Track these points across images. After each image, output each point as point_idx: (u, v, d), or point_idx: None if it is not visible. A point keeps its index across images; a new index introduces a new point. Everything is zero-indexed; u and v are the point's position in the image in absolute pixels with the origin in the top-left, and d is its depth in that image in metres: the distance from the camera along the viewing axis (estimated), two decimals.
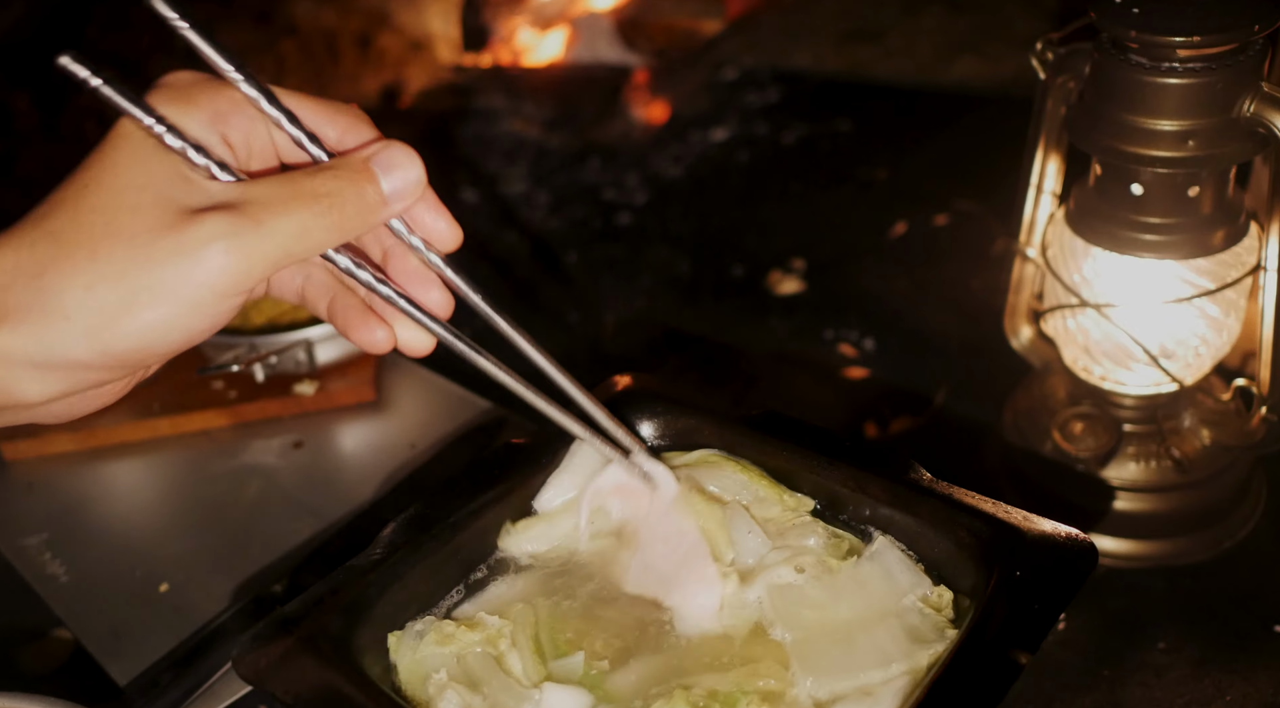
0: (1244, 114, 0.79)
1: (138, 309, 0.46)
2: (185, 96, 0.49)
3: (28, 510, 1.03)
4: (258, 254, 0.46)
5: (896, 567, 0.64)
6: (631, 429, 0.74)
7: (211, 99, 0.50)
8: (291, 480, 1.04)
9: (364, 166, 0.50)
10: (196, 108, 0.49)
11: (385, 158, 0.50)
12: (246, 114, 0.50)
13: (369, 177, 0.50)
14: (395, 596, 0.64)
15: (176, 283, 0.46)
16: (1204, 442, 0.92)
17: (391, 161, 0.50)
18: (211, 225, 0.46)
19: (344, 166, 0.49)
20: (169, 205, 0.46)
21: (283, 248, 0.47)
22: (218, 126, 0.50)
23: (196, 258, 0.46)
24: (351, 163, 0.50)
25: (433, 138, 1.81)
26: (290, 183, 0.48)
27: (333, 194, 0.48)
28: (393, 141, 0.51)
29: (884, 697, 0.57)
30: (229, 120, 0.50)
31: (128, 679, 0.85)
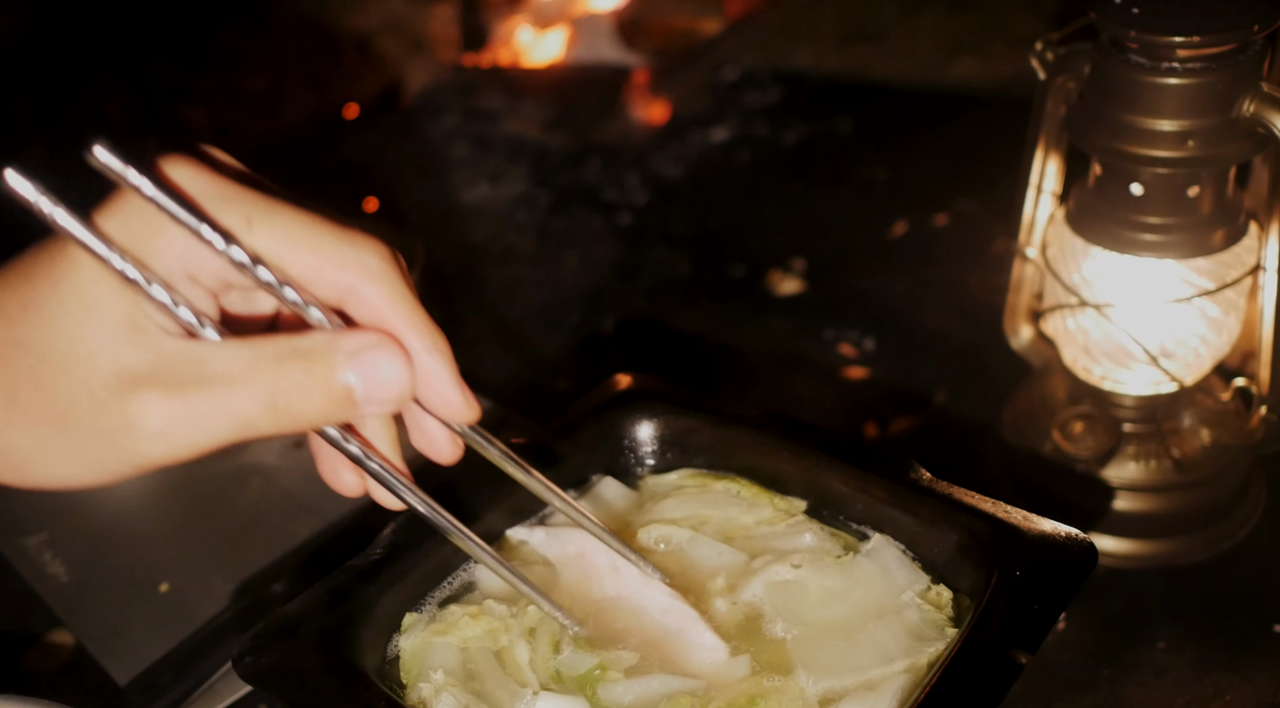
0: (1244, 114, 0.79)
1: (46, 462, 0.42)
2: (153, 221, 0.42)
3: (28, 511, 1.03)
4: (189, 443, 0.42)
5: (894, 564, 0.64)
6: (633, 437, 0.74)
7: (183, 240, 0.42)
8: (291, 480, 1.04)
9: (338, 365, 0.42)
10: (165, 237, 0.42)
11: (367, 360, 0.43)
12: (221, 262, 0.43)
13: (340, 377, 0.42)
14: (395, 596, 0.64)
15: (95, 452, 0.42)
16: (1204, 442, 0.92)
17: (373, 366, 0.43)
18: (145, 411, 0.41)
19: (318, 359, 0.42)
20: (105, 367, 0.41)
21: (221, 438, 0.42)
22: (188, 262, 0.43)
23: (123, 441, 0.41)
24: (328, 357, 0.42)
25: (433, 138, 1.81)
26: (249, 366, 0.42)
27: (293, 391, 0.42)
28: (385, 340, 0.43)
29: (884, 695, 0.57)
30: (204, 256, 0.43)
31: (128, 679, 0.85)
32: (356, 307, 0.45)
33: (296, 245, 0.43)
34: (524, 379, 1.24)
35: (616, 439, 0.74)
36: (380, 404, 0.43)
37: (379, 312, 0.45)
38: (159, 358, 0.42)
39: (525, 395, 1.19)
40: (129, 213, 0.42)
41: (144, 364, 0.41)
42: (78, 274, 0.42)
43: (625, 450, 0.74)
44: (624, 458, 0.74)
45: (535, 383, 1.23)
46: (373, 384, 0.43)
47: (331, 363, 0.42)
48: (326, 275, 0.44)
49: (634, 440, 0.74)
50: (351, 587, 0.62)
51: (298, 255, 0.43)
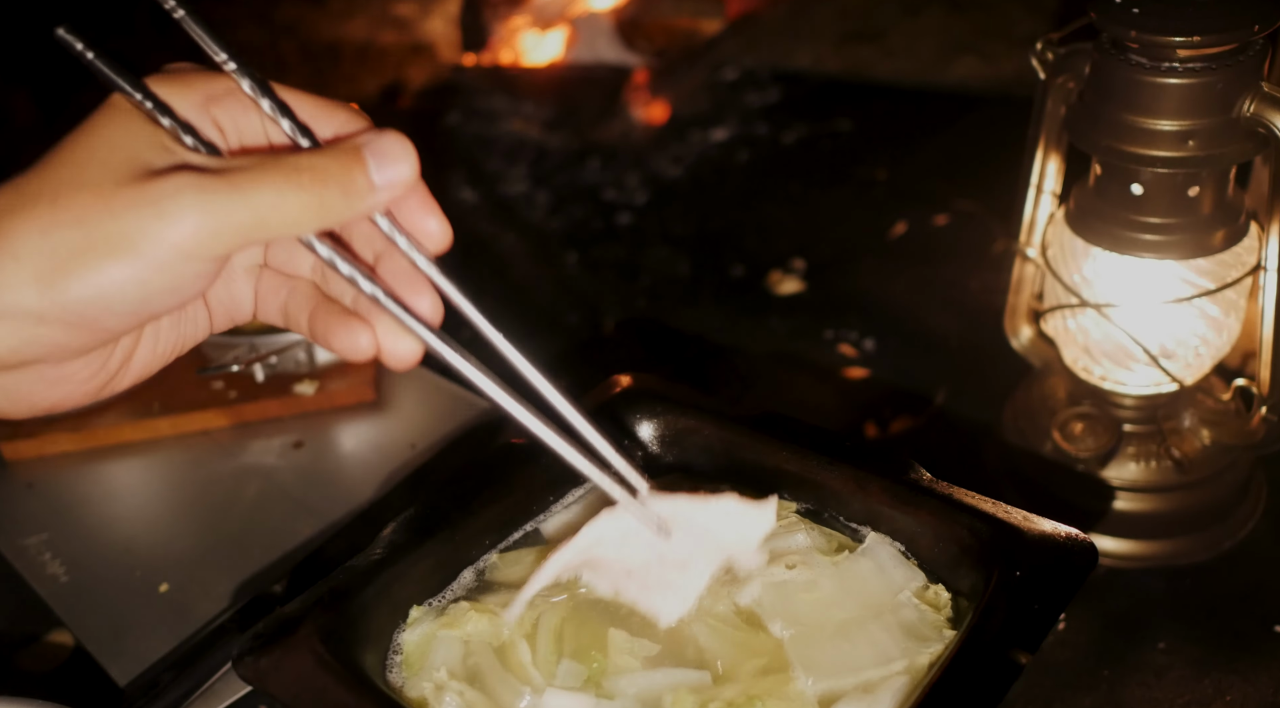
0: (1244, 114, 0.79)
1: (93, 257, 0.43)
2: (180, 79, 0.48)
3: (28, 511, 1.03)
4: (227, 216, 0.44)
5: (890, 562, 0.64)
6: (633, 437, 0.74)
7: (206, 83, 0.48)
8: (291, 480, 1.04)
9: (355, 149, 0.47)
10: (190, 89, 0.48)
11: (378, 144, 0.47)
12: (240, 101, 0.49)
13: (358, 159, 0.47)
14: (395, 596, 0.64)
15: (137, 234, 0.43)
16: (1204, 442, 0.92)
17: (384, 148, 0.47)
18: (181, 180, 0.44)
19: (334, 148, 0.47)
20: (142, 164, 0.44)
21: (256, 215, 0.44)
22: (209, 109, 0.48)
23: (161, 210, 0.43)
24: (342, 145, 0.47)
25: (433, 138, 1.81)
26: (273, 156, 0.46)
27: (316, 169, 0.45)
28: (388, 130, 0.49)
29: (884, 695, 0.57)
30: (221, 104, 0.48)
31: (128, 679, 0.85)
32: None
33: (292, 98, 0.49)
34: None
35: (616, 439, 0.74)
36: (394, 186, 0.47)
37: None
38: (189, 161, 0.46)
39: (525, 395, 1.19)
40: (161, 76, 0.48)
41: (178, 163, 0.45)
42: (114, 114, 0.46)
43: (625, 450, 0.74)
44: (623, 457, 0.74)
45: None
46: (386, 164, 0.47)
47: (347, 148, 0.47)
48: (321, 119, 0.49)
49: (634, 440, 0.74)
50: (351, 587, 0.62)
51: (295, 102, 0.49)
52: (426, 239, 0.52)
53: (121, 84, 0.46)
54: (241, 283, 0.54)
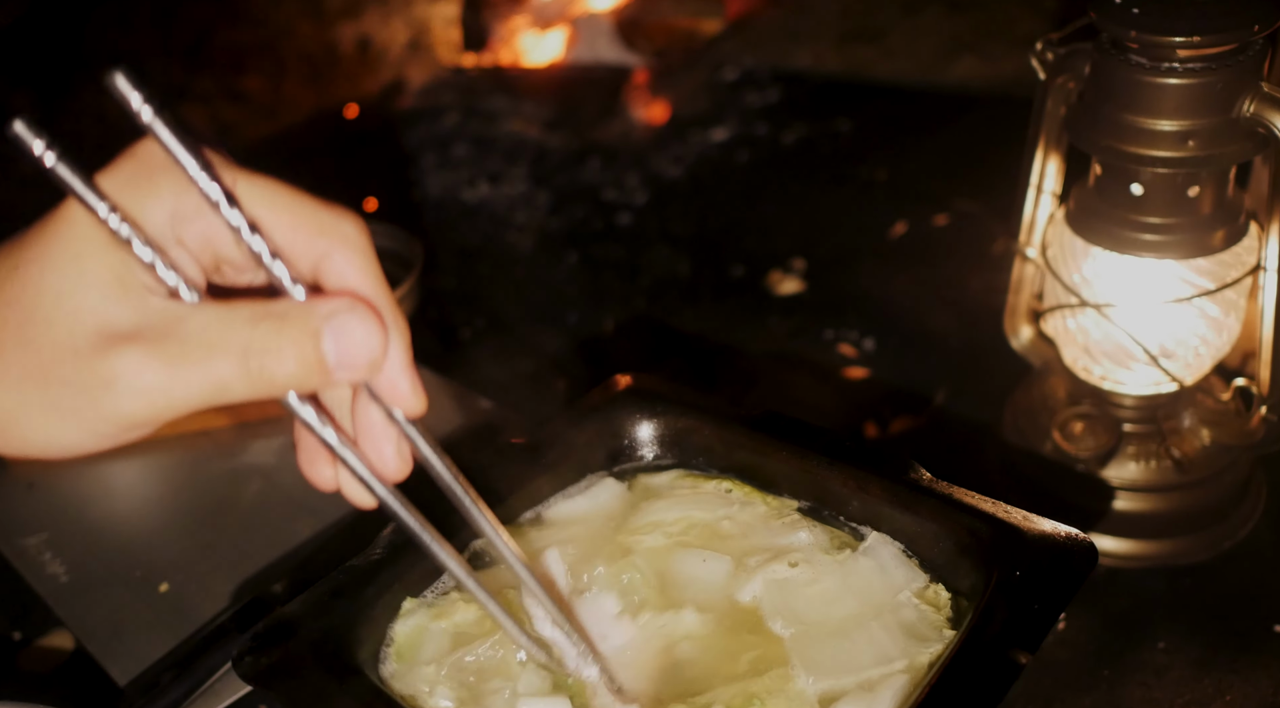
0: (1244, 114, 0.79)
1: (28, 422, 0.43)
2: (149, 184, 0.43)
3: (28, 511, 1.03)
4: (166, 400, 0.42)
5: (891, 562, 0.64)
6: (633, 437, 0.74)
7: (177, 193, 0.44)
8: (291, 480, 1.04)
9: (314, 329, 0.43)
10: (158, 200, 0.43)
11: (342, 322, 0.43)
12: (210, 219, 0.44)
13: (315, 342, 0.43)
14: (395, 596, 0.64)
15: (76, 409, 0.42)
16: (1204, 442, 0.92)
17: (348, 329, 0.43)
18: (123, 364, 0.41)
19: (293, 321, 0.43)
20: (89, 322, 0.42)
21: (196, 398, 0.42)
22: (177, 226, 0.44)
23: (101, 395, 0.42)
24: (302, 319, 0.43)
25: (433, 138, 1.81)
26: (225, 326, 0.42)
27: (267, 352, 0.42)
28: (359, 304, 0.44)
29: (884, 695, 0.57)
30: (192, 221, 0.44)
31: (128, 679, 0.85)
32: (328, 275, 0.45)
33: (276, 207, 0.44)
34: (524, 379, 1.24)
35: (616, 439, 0.74)
36: (353, 368, 0.44)
37: (349, 281, 0.46)
38: (142, 315, 0.43)
39: (525, 395, 1.19)
40: (126, 173, 0.43)
41: (127, 321, 0.42)
42: (69, 231, 0.43)
43: (625, 450, 0.74)
44: (624, 457, 0.74)
45: (535, 383, 1.23)
46: (346, 347, 0.43)
47: (305, 325, 0.43)
48: (303, 240, 0.45)
49: (633, 440, 0.74)
50: (351, 587, 0.62)
51: (277, 216, 0.44)
52: (398, 401, 0.48)
53: (82, 193, 0.42)
54: None
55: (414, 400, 0.47)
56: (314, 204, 0.45)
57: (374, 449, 0.48)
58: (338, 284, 0.45)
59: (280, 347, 0.42)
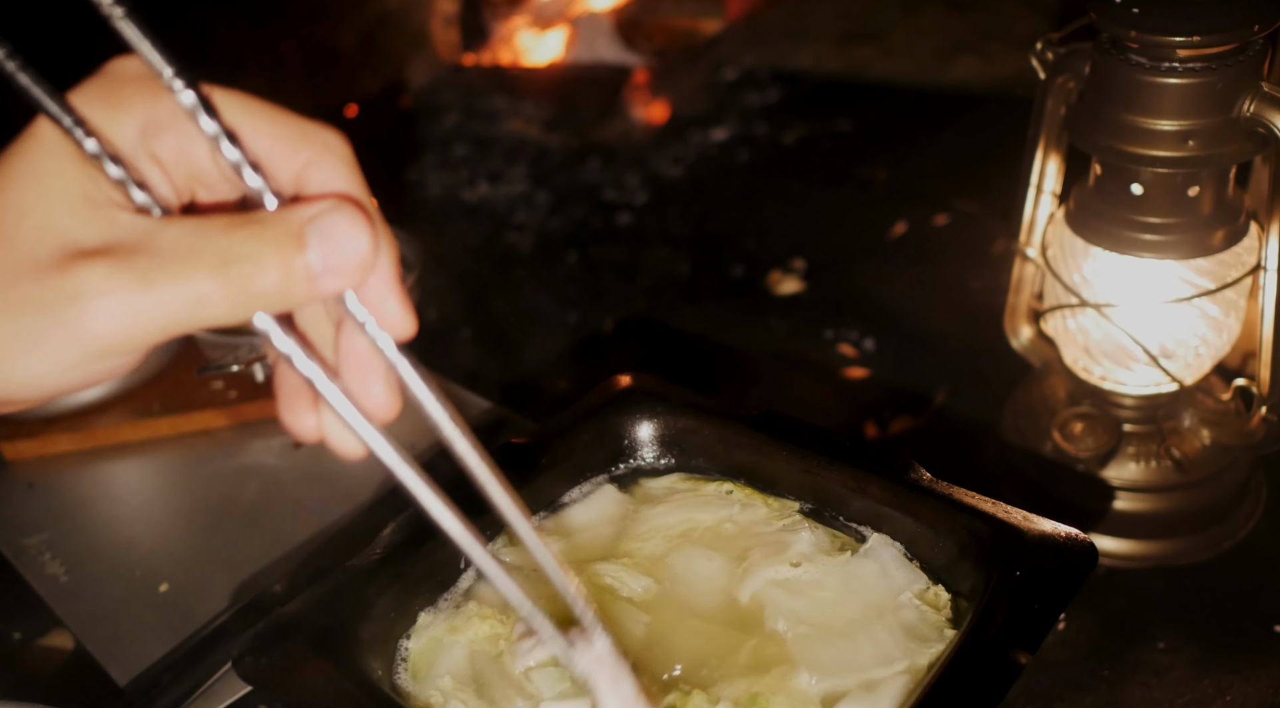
0: (1244, 114, 0.79)
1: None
2: (118, 97, 0.41)
3: (28, 511, 1.03)
4: (140, 320, 0.39)
5: (892, 564, 0.64)
6: (633, 437, 0.74)
7: (148, 104, 0.41)
8: (291, 480, 1.04)
9: (296, 231, 0.40)
10: (128, 113, 0.41)
11: (327, 224, 0.40)
12: (183, 131, 0.41)
13: (299, 244, 0.40)
14: (395, 595, 0.64)
15: (39, 333, 0.39)
16: (1204, 442, 0.92)
17: (333, 231, 0.40)
18: (90, 278, 0.38)
19: (274, 225, 0.40)
20: (54, 240, 0.39)
21: (173, 316, 0.39)
22: (149, 140, 0.41)
23: (66, 314, 0.38)
24: (284, 222, 0.40)
25: (433, 138, 1.81)
26: (201, 236, 0.39)
27: (247, 260, 0.39)
28: (344, 204, 0.41)
29: (884, 695, 0.57)
30: (161, 137, 0.41)
31: (128, 679, 0.85)
32: (311, 185, 0.42)
33: (255, 118, 0.42)
34: (524, 379, 1.24)
35: (616, 439, 0.74)
36: (340, 274, 0.41)
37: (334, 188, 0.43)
38: (111, 231, 0.40)
39: (525, 395, 1.19)
40: (97, 88, 0.41)
41: (95, 237, 0.40)
42: (36, 147, 0.40)
43: (625, 450, 0.75)
44: (624, 458, 0.75)
45: (535, 383, 1.23)
46: (332, 250, 0.40)
47: (287, 228, 0.40)
48: (284, 150, 0.42)
49: (633, 440, 0.74)
50: (351, 587, 0.62)
51: (256, 127, 0.42)
52: (385, 323, 0.44)
53: (48, 106, 0.39)
54: None
55: (403, 321, 0.44)
56: (294, 116, 0.43)
57: (360, 385, 0.44)
58: (320, 192, 0.42)
59: (261, 252, 0.39)
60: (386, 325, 0.44)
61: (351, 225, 0.40)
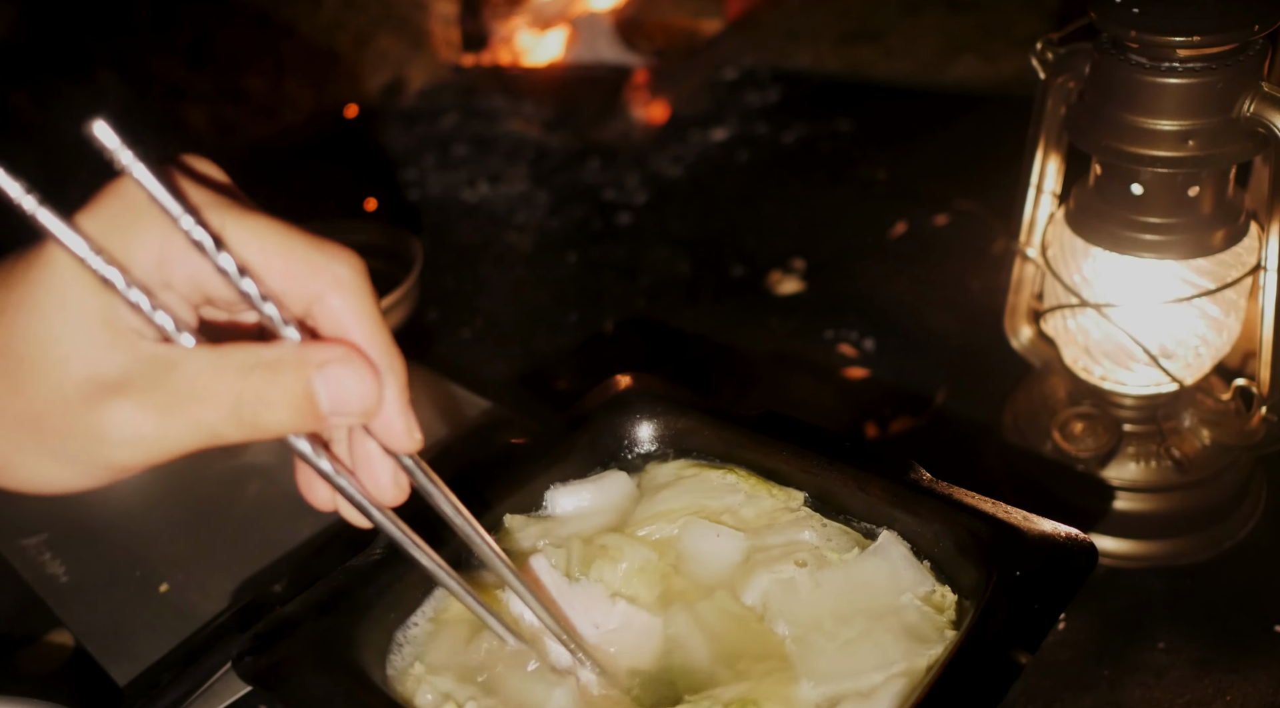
0: (1244, 114, 0.79)
1: (23, 465, 0.43)
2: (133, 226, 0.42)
3: (28, 511, 1.03)
4: (156, 450, 0.42)
5: (901, 563, 0.64)
6: (633, 437, 0.74)
7: (163, 234, 0.43)
8: (291, 480, 1.04)
9: (304, 378, 0.43)
10: (143, 243, 0.42)
11: (333, 374, 0.43)
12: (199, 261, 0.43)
13: (306, 393, 0.43)
14: (395, 595, 0.64)
15: (69, 455, 0.42)
16: (1204, 442, 0.92)
17: (340, 381, 0.43)
18: (115, 418, 0.42)
19: (284, 371, 0.43)
20: (78, 371, 0.42)
21: (187, 447, 0.43)
22: (164, 269, 0.43)
23: (93, 448, 0.42)
24: (294, 369, 0.43)
25: (433, 138, 1.81)
26: (217, 374, 0.42)
27: (259, 402, 0.42)
28: (352, 355, 0.44)
29: (884, 696, 0.57)
30: (179, 263, 0.43)
31: (128, 679, 0.85)
32: (322, 317, 0.45)
33: (268, 249, 0.43)
34: (523, 379, 1.24)
35: (616, 440, 0.74)
36: (345, 416, 0.44)
37: (343, 324, 0.45)
38: (132, 362, 0.42)
39: (525, 395, 1.19)
40: (109, 213, 0.42)
41: (117, 368, 0.42)
42: (55, 276, 0.42)
43: (625, 451, 0.75)
44: (624, 458, 0.75)
45: (535, 383, 1.23)
46: (338, 397, 0.44)
47: (298, 374, 0.43)
48: (295, 282, 0.44)
49: (634, 441, 0.74)
50: (351, 587, 0.62)
51: (268, 259, 0.44)
52: (390, 440, 0.48)
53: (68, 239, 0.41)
54: None
55: (408, 441, 0.47)
56: (307, 245, 0.44)
57: (370, 477, 0.49)
58: (331, 328, 0.45)
59: (272, 397, 0.43)
60: (391, 442, 0.47)
61: (357, 375, 0.44)
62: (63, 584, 0.95)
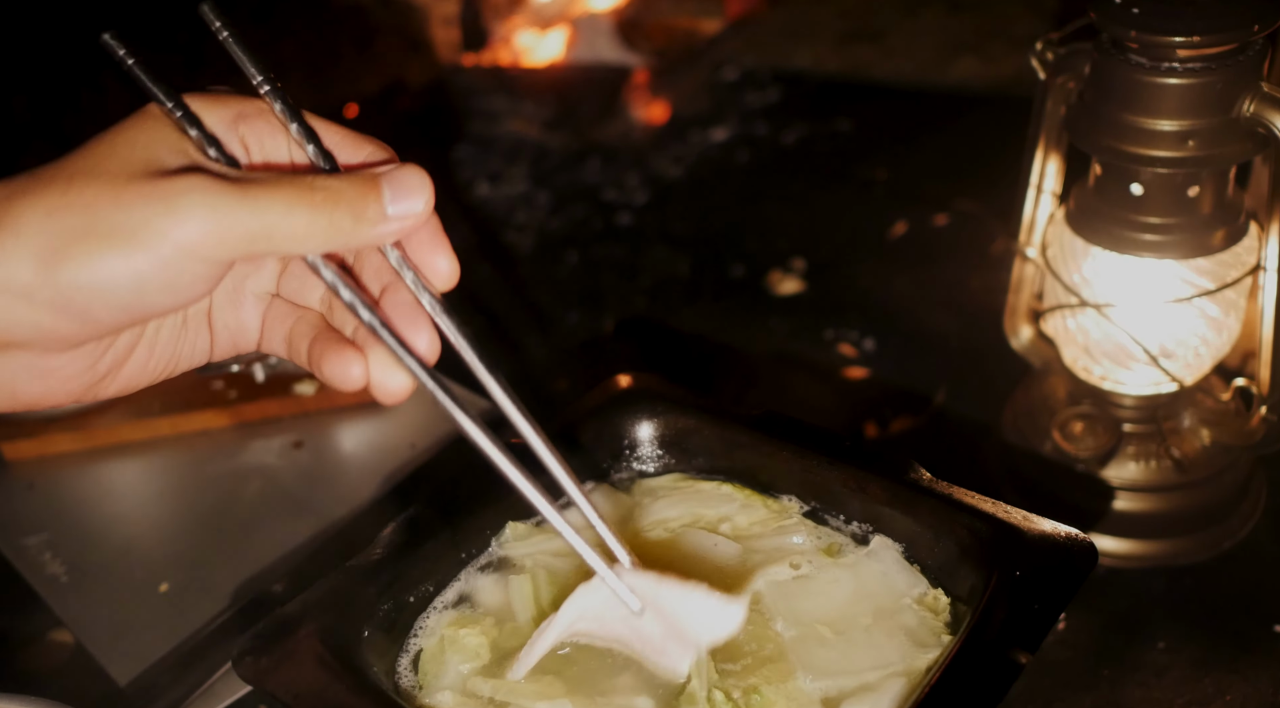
0: (1244, 114, 0.79)
1: (94, 242, 0.43)
2: (214, 97, 0.50)
3: (28, 510, 1.03)
4: (235, 221, 0.44)
5: (893, 567, 0.64)
6: (633, 437, 0.74)
7: (239, 102, 0.50)
8: (291, 480, 1.04)
9: (372, 177, 0.48)
10: (221, 106, 0.49)
11: (397, 176, 0.48)
12: (269, 123, 0.50)
13: (374, 187, 0.47)
14: (395, 595, 0.64)
15: (142, 226, 0.43)
16: (1204, 442, 0.92)
17: (402, 180, 0.48)
18: (193, 181, 0.44)
19: (352, 174, 0.48)
20: (160, 164, 0.46)
21: (263, 224, 0.45)
22: (238, 127, 0.50)
23: (169, 206, 0.44)
24: (361, 173, 0.48)
25: (433, 138, 1.81)
26: (290, 174, 0.47)
27: (331, 191, 0.46)
28: (410, 164, 0.50)
29: (884, 696, 0.57)
30: (250, 123, 0.50)
31: (128, 679, 0.85)
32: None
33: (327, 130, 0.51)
34: (524, 379, 1.24)
35: (616, 439, 0.74)
36: (405, 218, 0.48)
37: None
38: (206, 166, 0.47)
39: (525, 395, 1.19)
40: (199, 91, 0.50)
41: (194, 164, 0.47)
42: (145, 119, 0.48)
43: (625, 450, 0.75)
44: (624, 458, 0.75)
45: (535, 383, 1.23)
46: (401, 195, 0.48)
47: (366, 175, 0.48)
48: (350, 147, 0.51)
49: (634, 440, 0.74)
50: (351, 587, 0.62)
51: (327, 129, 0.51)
52: (434, 275, 0.53)
53: (156, 93, 0.48)
54: (250, 309, 0.54)
55: (449, 268, 0.53)
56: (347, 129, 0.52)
57: (408, 331, 0.51)
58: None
59: (343, 188, 0.47)
60: (435, 276, 0.53)
61: (418, 178, 0.49)
62: (63, 584, 0.95)
